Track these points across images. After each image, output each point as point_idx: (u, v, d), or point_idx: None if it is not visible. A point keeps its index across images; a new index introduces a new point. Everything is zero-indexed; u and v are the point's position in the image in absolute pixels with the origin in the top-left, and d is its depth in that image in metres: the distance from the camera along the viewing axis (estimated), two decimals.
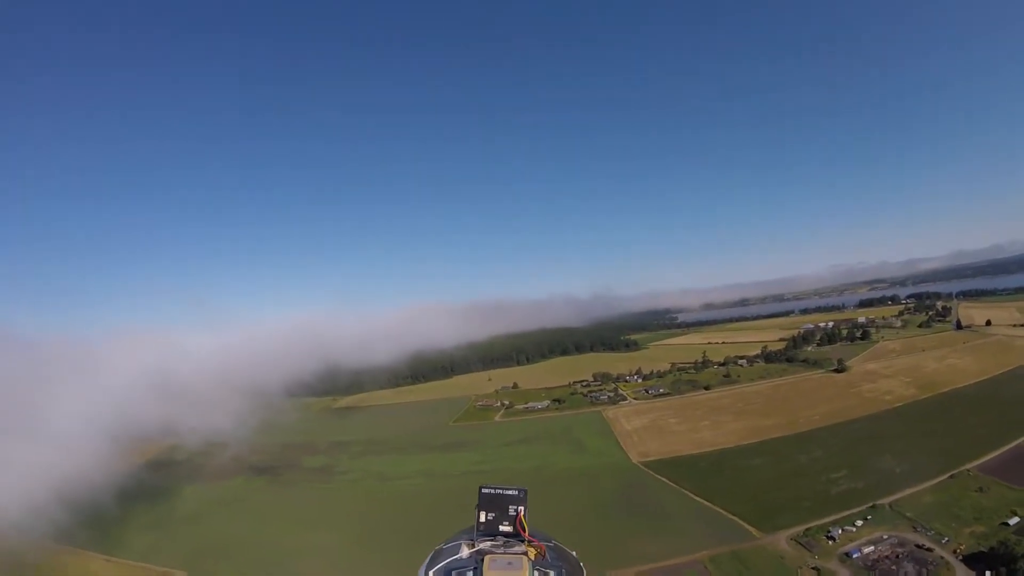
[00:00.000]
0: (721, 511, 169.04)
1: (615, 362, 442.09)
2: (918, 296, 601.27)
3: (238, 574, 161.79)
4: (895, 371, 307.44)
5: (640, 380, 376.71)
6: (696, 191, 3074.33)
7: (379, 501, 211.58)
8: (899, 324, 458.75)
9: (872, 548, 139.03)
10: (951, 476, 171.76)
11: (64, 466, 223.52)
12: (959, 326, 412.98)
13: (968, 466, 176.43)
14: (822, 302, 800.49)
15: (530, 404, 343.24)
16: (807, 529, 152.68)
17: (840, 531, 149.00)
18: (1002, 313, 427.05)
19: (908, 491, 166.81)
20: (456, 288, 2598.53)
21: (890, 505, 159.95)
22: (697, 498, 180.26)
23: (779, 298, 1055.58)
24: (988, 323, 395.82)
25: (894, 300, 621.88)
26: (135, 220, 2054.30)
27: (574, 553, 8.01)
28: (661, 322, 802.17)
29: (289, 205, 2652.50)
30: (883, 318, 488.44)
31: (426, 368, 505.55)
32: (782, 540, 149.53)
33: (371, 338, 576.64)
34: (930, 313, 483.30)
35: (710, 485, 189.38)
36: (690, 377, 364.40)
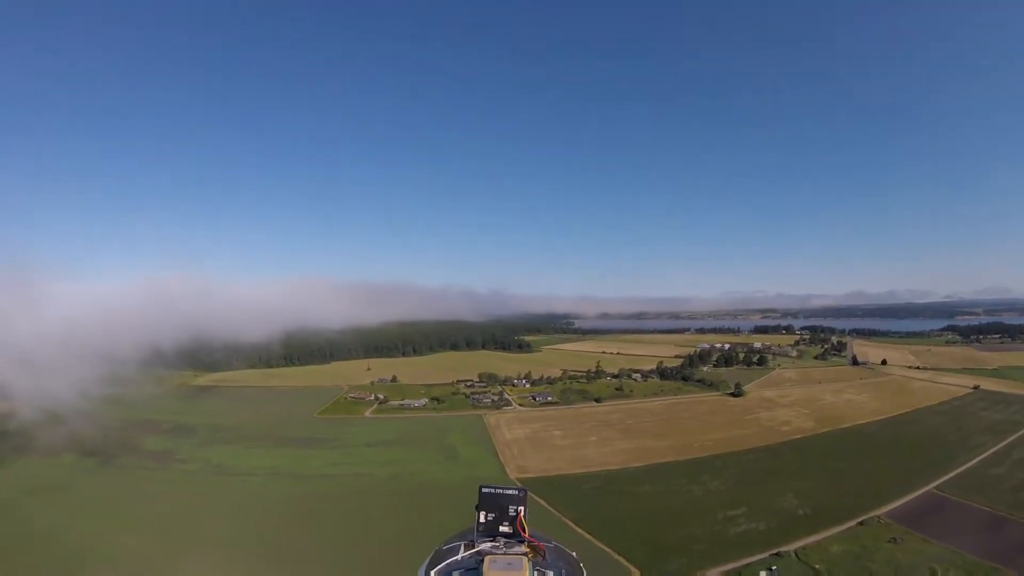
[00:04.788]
0: (604, 548, 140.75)
1: (506, 363, 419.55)
2: (812, 329, 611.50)
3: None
4: (792, 401, 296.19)
5: (528, 385, 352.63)
6: (603, 204, 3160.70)
7: (213, 498, 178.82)
8: (795, 354, 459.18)
9: None
10: (860, 523, 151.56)
11: None
12: (855, 362, 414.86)
13: (877, 512, 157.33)
14: (717, 323, 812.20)
15: (406, 401, 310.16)
16: None
17: None
18: (896, 354, 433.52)
19: (815, 537, 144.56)
20: (346, 265, 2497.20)
21: (796, 553, 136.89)
22: (577, 528, 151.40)
23: (674, 316, 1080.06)
24: (884, 362, 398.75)
25: (788, 330, 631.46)
26: None
27: (574, 554, 7.82)
28: (557, 326, 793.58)
29: (160, 151, 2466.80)
30: (779, 346, 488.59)
31: (302, 350, 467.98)
32: None
33: (244, 311, 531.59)
34: (825, 346, 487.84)
35: (593, 514, 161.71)
36: (581, 387, 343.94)
